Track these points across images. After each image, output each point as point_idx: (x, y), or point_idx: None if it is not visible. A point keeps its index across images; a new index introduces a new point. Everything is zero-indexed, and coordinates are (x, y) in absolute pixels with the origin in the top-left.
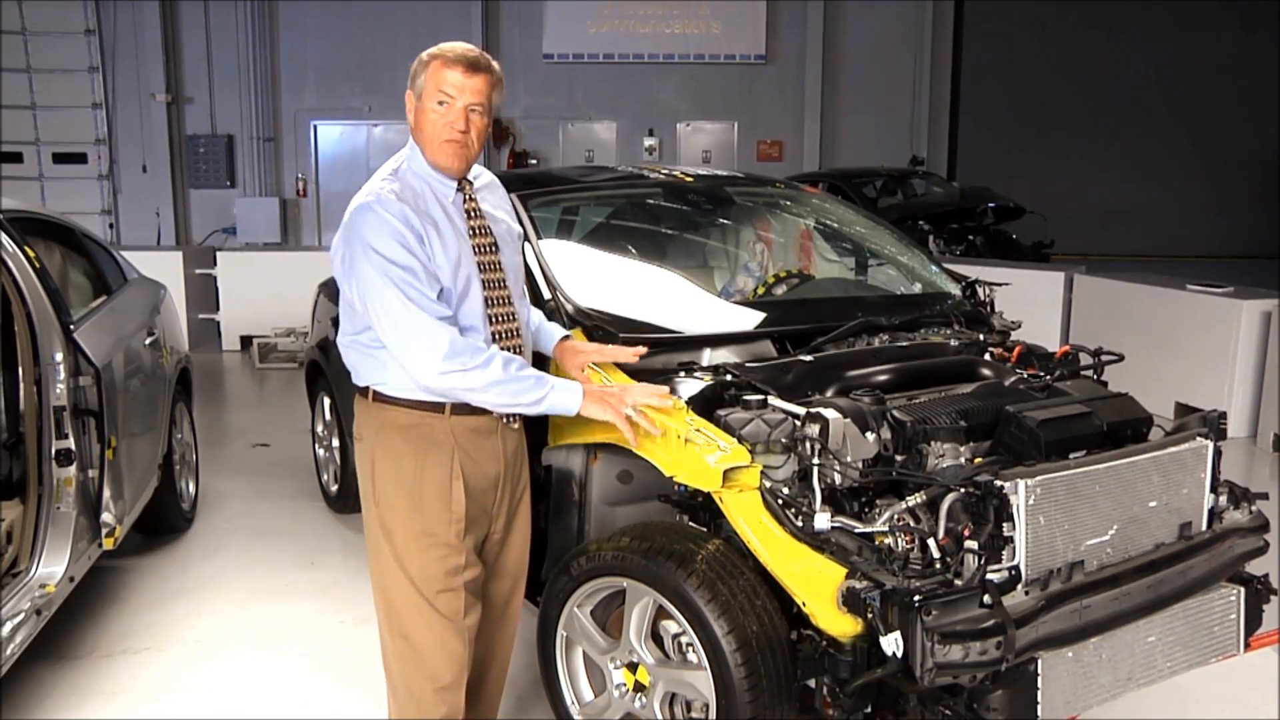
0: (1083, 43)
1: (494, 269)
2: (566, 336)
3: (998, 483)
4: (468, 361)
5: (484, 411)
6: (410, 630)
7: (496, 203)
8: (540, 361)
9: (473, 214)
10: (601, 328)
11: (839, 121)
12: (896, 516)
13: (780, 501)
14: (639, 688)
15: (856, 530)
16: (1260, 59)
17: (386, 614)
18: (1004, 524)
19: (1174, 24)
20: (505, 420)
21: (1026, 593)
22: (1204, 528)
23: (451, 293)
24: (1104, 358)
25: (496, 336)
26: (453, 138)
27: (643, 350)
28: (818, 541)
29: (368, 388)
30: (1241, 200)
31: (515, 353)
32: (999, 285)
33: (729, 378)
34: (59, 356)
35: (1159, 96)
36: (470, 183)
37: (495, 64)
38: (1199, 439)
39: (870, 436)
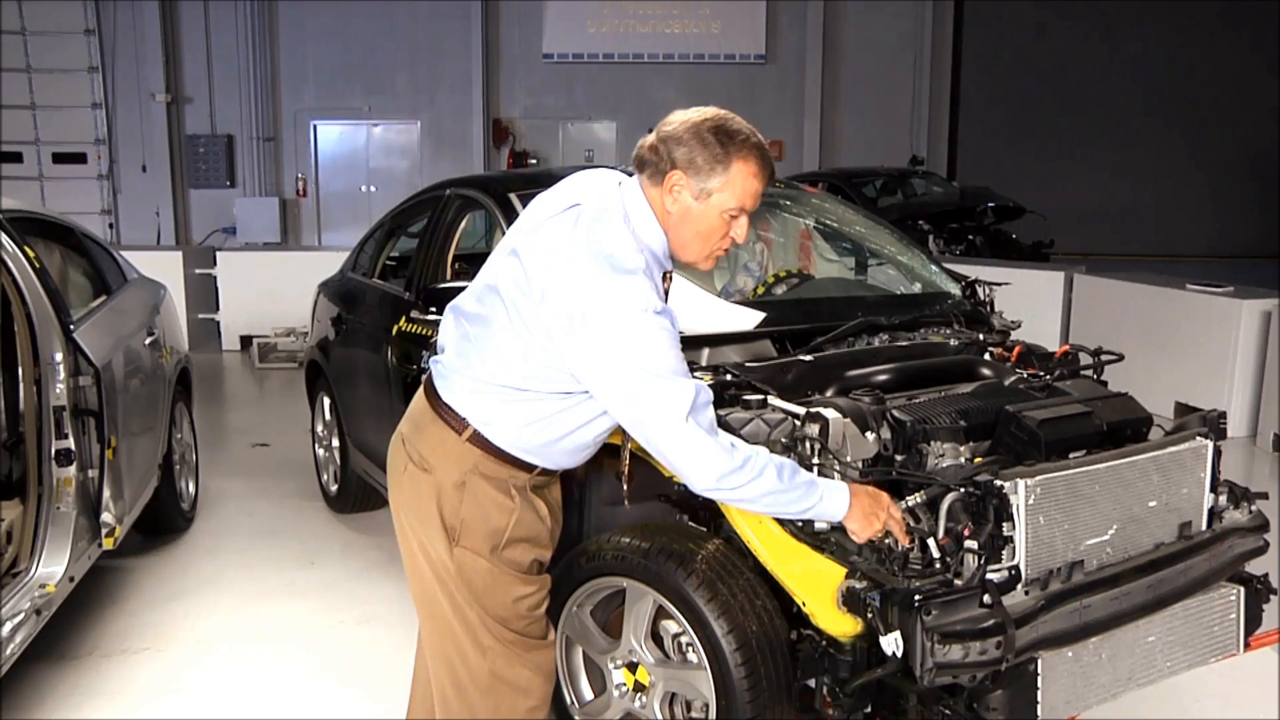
0: (1082, 43)
1: None
2: None
3: (997, 482)
4: (743, 476)
5: (555, 471)
6: (496, 658)
7: None
8: None
9: (667, 295)
10: None
11: (839, 121)
12: None
13: None
14: (639, 687)
15: None
16: (1258, 59)
17: (471, 641)
18: (1004, 524)
19: (1173, 24)
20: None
21: (1026, 592)
22: (1204, 527)
23: None
24: (1104, 357)
25: None
26: (727, 249)
27: None
28: (817, 541)
29: (466, 422)
30: (1240, 200)
31: None
32: (999, 285)
33: (729, 377)
34: (59, 356)
35: (1158, 96)
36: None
37: None
38: (1199, 439)
39: (870, 436)
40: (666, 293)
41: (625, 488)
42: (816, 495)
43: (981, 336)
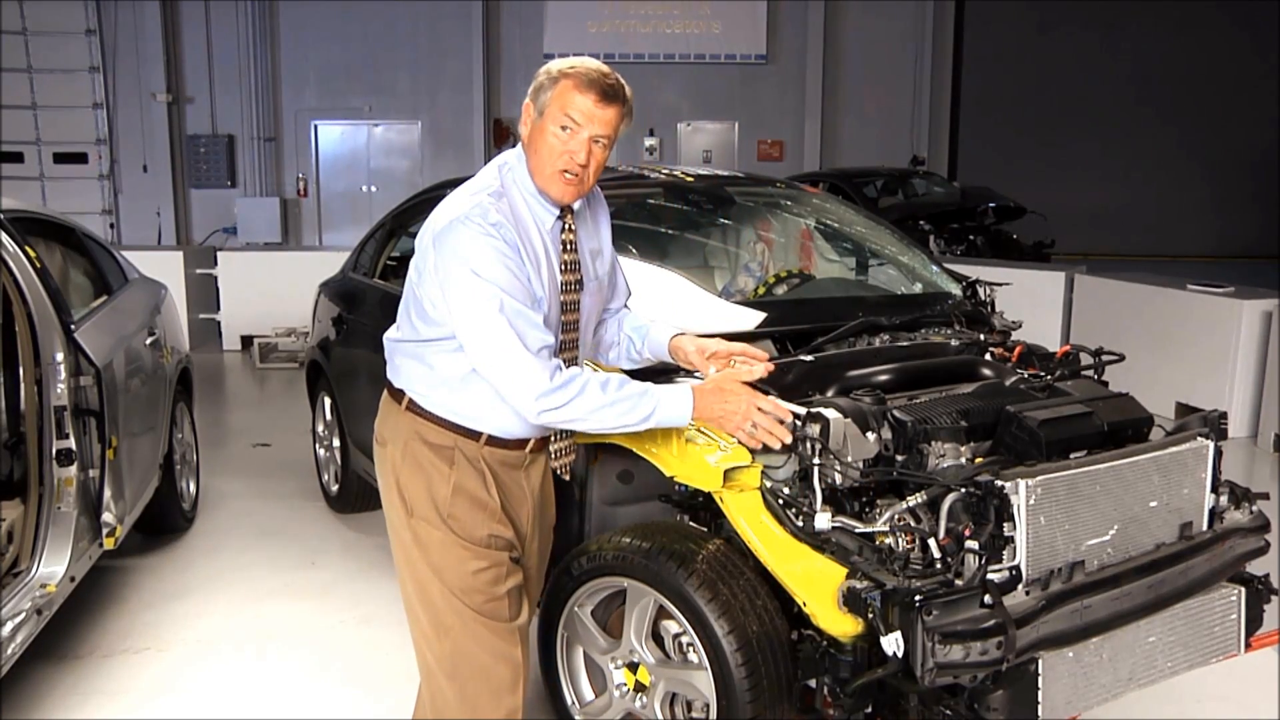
0: (1082, 43)
1: (572, 309)
2: (681, 332)
3: (998, 483)
4: (564, 395)
5: (516, 446)
6: (458, 635)
7: (592, 226)
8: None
9: (568, 246)
10: None
11: (839, 121)
12: (897, 516)
13: (781, 501)
14: (640, 688)
15: (857, 530)
16: (1258, 59)
17: (430, 620)
18: (1005, 524)
19: (1173, 24)
20: (539, 455)
21: (1027, 593)
22: (1204, 528)
23: None
24: (1104, 357)
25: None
26: (569, 168)
27: (770, 367)
28: (818, 541)
29: (403, 393)
30: (1240, 200)
31: None
32: (999, 285)
33: None
34: (60, 356)
35: (1159, 96)
36: (572, 211)
37: (629, 91)
38: (1200, 439)
39: (871, 436)
40: (567, 244)
41: None
42: (652, 402)
43: (982, 337)
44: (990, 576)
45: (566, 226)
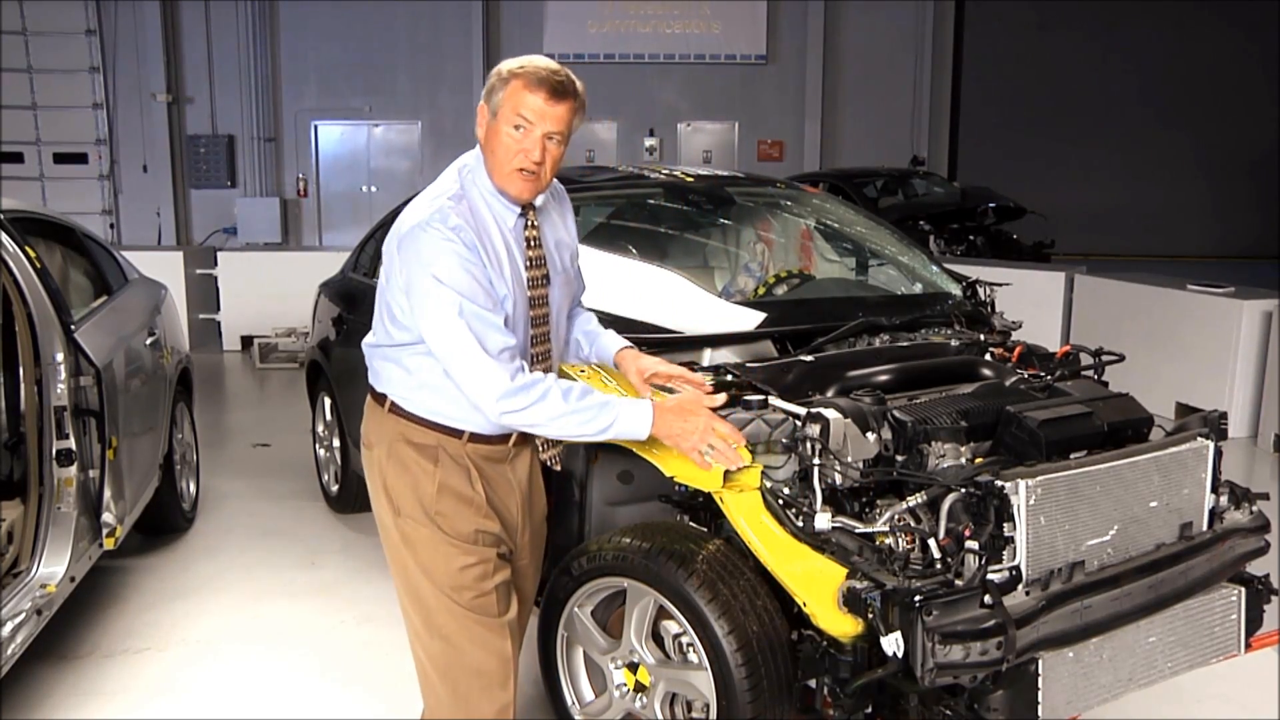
0: (1082, 43)
1: (541, 304)
2: (628, 346)
3: (998, 483)
4: (525, 399)
5: (500, 441)
6: (449, 632)
7: (556, 219)
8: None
9: (532, 243)
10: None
11: (839, 121)
12: (897, 517)
13: (781, 502)
14: (640, 688)
15: (857, 530)
16: (1258, 59)
17: (422, 619)
18: (1005, 524)
19: (1173, 24)
20: (524, 448)
21: (1027, 593)
22: (1205, 528)
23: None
24: (1104, 358)
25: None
26: (525, 167)
27: (710, 390)
28: (818, 542)
29: (385, 396)
30: (1240, 200)
31: None
32: (1000, 285)
33: (730, 378)
34: (60, 356)
35: (1159, 96)
36: (534, 208)
37: (580, 86)
38: (1200, 439)
39: (871, 437)
40: (531, 240)
41: None
42: (611, 415)
43: (982, 337)
44: (990, 576)
45: (529, 224)
